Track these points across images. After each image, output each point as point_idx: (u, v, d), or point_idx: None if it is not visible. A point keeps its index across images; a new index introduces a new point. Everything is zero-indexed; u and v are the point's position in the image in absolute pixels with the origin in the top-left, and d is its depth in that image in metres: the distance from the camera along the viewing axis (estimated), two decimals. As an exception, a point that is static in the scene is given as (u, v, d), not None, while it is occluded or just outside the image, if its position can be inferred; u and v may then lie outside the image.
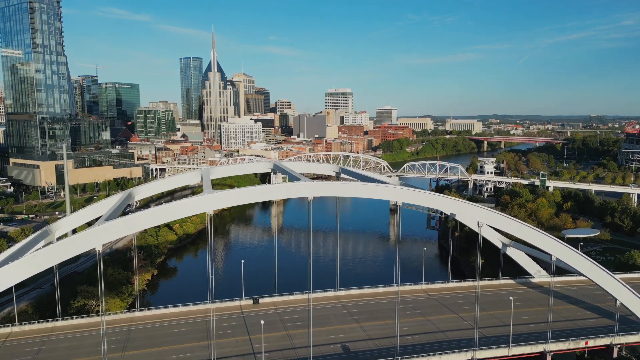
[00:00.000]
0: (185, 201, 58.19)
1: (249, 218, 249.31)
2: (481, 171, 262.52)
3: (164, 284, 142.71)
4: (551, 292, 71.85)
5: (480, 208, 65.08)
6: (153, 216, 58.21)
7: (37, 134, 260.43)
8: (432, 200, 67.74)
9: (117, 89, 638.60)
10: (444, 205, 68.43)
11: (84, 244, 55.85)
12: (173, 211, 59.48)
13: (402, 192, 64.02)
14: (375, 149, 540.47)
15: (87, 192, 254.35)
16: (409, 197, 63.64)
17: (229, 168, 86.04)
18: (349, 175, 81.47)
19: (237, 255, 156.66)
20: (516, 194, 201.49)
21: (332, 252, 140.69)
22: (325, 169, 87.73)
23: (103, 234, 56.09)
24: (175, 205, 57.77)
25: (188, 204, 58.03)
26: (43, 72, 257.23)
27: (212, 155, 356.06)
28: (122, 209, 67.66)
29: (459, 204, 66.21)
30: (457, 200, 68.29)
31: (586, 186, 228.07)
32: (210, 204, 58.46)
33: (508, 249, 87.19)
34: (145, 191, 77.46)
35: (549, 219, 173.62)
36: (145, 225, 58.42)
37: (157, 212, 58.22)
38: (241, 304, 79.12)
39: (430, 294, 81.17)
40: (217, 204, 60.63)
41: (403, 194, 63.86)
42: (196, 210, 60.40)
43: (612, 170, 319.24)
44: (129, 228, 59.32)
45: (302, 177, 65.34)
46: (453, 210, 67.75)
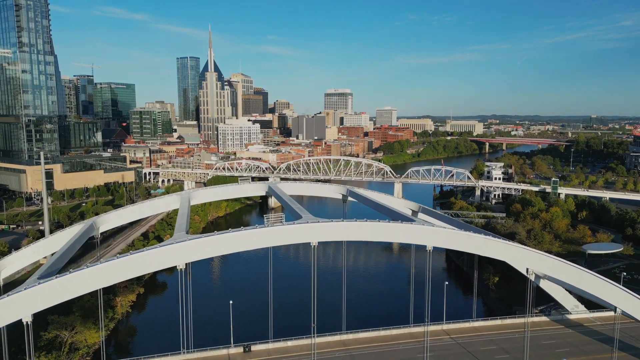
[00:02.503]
0: (148, 253, 46.30)
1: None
2: (488, 176, 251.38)
3: (150, 307, 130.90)
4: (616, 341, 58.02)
5: (532, 252, 53.50)
6: (95, 277, 45.82)
7: (24, 137, 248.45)
8: (470, 242, 55.09)
9: (113, 89, 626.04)
10: (483, 247, 55.94)
11: None
12: (128, 266, 46.87)
13: (435, 235, 51.60)
14: (376, 151, 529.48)
15: (75, 199, 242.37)
16: (442, 239, 52.10)
17: (214, 191, 72.12)
18: (357, 199, 68.89)
19: (225, 287, 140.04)
20: (528, 202, 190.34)
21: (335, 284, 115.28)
22: (330, 191, 73.40)
23: (28, 302, 44.56)
24: (130, 260, 45.87)
25: (150, 257, 45.97)
26: (30, 72, 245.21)
27: (208, 158, 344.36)
28: (81, 243, 56.35)
29: (508, 248, 54.27)
30: (506, 243, 56.24)
31: (600, 193, 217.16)
32: (180, 256, 45.78)
33: (542, 281, 75.00)
34: (111, 221, 64.55)
35: (566, 231, 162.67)
36: (85, 290, 46.72)
37: (103, 270, 46.10)
38: (229, 353, 66.19)
39: (452, 336, 68.95)
40: (190, 255, 47.68)
41: (435, 237, 51.60)
42: (162, 264, 48.13)
43: (621, 174, 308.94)
44: (63, 293, 47.09)
45: (302, 211, 53.40)
46: (497, 254, 55.11)
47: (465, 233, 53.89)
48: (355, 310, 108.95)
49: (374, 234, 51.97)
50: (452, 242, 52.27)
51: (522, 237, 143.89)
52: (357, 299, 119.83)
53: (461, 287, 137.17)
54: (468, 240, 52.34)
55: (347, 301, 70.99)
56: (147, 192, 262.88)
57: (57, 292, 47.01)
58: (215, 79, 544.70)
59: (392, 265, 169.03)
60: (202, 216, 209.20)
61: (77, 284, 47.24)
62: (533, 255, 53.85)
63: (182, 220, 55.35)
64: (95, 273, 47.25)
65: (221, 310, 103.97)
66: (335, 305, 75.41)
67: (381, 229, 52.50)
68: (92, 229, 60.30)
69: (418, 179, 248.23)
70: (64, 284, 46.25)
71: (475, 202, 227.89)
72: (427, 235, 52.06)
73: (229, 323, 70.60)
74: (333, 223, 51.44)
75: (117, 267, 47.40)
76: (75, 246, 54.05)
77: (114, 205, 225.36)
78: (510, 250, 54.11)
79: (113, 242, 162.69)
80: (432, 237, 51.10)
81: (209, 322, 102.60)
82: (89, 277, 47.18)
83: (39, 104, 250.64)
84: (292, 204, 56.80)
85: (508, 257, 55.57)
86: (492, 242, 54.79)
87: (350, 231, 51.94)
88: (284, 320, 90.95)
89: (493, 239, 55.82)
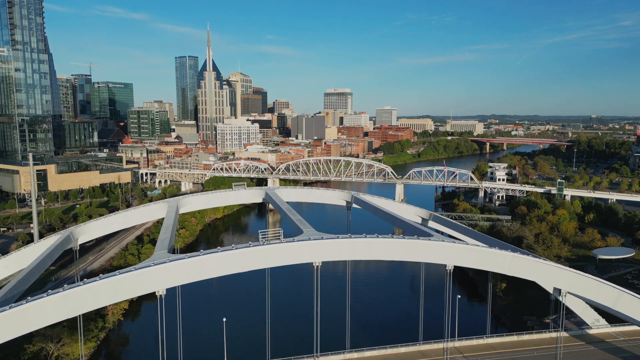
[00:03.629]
0: (120, 278, 40.21)
1: (242, 237, 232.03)
2: (492, 177, 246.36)
3: (144, 314, 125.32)
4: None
5: (565, 271, 47.90)
6: (56, 308, 39.24)
7: (17, 137, 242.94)
8: (496, 261, 48.90)
9: (110, 88, 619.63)
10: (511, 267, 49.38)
11: None
12: (96, 295, 40.37)
13: (456, 252, 45.25)
14: (376, 151, 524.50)
15: (70, 200, 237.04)
16: (464, 258, 46.06)
17: (206, 198, 65.56)
18: (362, 206, 62.53)
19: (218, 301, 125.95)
20: (533, 204, 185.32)
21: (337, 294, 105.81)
22: (333, 198, 66.46)
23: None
24: (99, 287, 39.58)
25: (123, 283, 39.72)
26: (23, 70, 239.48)
27: (206, 159, 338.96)
28: (53, 259, 50.78)
29: (539, 268, 48.04)
30: (536, 261, 50.08)
31: (606, 195, 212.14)
32: (160, 281, 39.34)
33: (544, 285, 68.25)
34: (90, 231, 57.95)
35: (574, 234, 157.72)
36: (43, 323, 40.38)
37: (66, 299, 39.69)
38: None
39: (466, 355, 62.93)
40: (171, 279, 41.19)
41: (457, 255, 45.29)
42: (137, 290, 41.77)
43: (625, 175, 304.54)
44: (16, 327, 39.48)
45: (303, 223, 47.30)
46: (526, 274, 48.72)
47: (491, 251, 47.32)
48: (359, 324, 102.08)
49: (386, 252, 45.41)
50: (476, 261, 46.00)
51: (529, 242, 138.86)
52: (360, 310, 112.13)
53: (467, 294, 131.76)
54: (494, 258, 46.10)
55: (351, 312, 65.29)
56: (144, 194, 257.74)
57: (8, 327, 39.53)
58: (214, 78, 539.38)
59: (399, 271, 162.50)
60: (199, 218, 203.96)
61: (34, 317, 40.37)
62: (567, 274, 47.33)
63: (165, 234, 48.45)
64: (56, 303, 40.48)
65: (213, 327, 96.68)
66: (337, 319, 69.29)
67: (395, 247, 45.66)
68: (68, 240, 54.14)
69: (420, 180, 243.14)
70: (17, 316, 38.93)
71: (479, 203, 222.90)
72: (448, 253, 45.91)
73: (222, 342, 64.54)
74: (339, 240, 43.98)
75: (82, 296, 40.83)
76: (45, 262, 48.36)
77: (108, 207, 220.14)
78: (541, 269, 47.89)
79: (106, 245, 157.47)
80: (453, 256, 45.04)
81: (200, 341, 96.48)
82: (49, 308, 40.24)
83: (32, 103, 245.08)
84: (292, 214, 50.56)
85: (539, 278, 49.36)
86: (521, 261, 48.44)
87: (360, 249, 45.00)
88: (282, 338, 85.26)
89: (521, 257, 49.22)
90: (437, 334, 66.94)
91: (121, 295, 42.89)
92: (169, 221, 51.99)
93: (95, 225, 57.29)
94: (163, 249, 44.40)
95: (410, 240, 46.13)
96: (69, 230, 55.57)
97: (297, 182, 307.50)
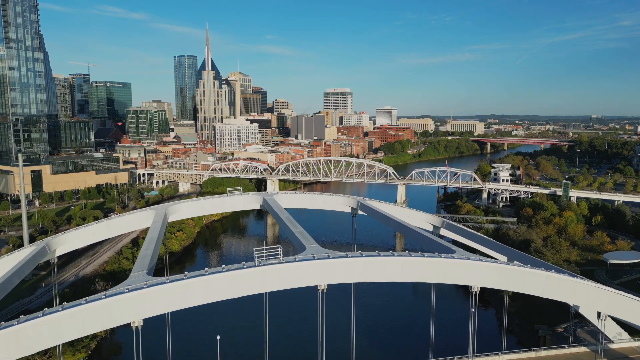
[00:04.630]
0: (90, 307, 33.23)
1: (241, 239, 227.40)
2: (495, 178, 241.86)
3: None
4: None
5: (608, 292, 42.58)
6: (8, 345, 32.55)
7: (11, 137, 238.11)
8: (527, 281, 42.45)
9: (108, 87, 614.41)
10: (545, 288, 42.70)
11: None
12: (57, 329, 33.73)
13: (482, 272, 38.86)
14: (376, 151, 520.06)
15: (65, 201, 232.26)
16: (491, 278, 40.46)
17: (198, 205, 59.79)
18: (369, 214, 56.81)
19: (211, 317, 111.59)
20: (539, 206, 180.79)
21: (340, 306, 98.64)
22: (336, 204, 59.80)
23: None
24: (62, 319, 33.20)
25: (92, 313, 33.12)
26: (17, 69, 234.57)
27: (205, 159, 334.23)
28: (22, 276, 45.25)
29: (578, 289, 41.49)
30: (574, 280, 43.75)
31: (612, 196, 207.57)
32: (136, 310, 32.58)
33: (583, 308, 61.30)
34: (70, 242, 51.57)
35: (582, 237, 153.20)
36: None
37: (20, 333, 33.18)
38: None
39: (481, 374, 58.69)
40: (149, 307, 34.00)
41: (483, 275, 39.07)
42: (108, 322, 34.77)
43: (629, 175, 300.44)
44: None
45: (304, 236, 41.43)
46: (563, 296, 42.55)
47: (523, 270, 41.17)
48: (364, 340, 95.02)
49: (404, 273, 38.24)
50: (506, 282, 39.78)
51: (537, 245, 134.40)
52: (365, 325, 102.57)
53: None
54: (526, 279, 39.80)
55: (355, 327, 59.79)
56: (140, 195, 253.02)
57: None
58: (213, 77, 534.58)
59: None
60: (197, 220, 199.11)
61: None
62: (611, 297, 40.43)
63: (147, 250, 41.92)
64: (6, 339, 33.81)
65: (206, 345, 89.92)
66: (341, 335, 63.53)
67: (414, 267, 38.67)
68: (43, 253, 48.37)
69: (422, 181, 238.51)
70: None
71: (482, 205, 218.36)
72: (474, 273, 39.61)
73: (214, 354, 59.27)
74: (349, 260, 37.11)
75: (38, 331, 33.96)
76: (12, 280, 42.67)
77: (104, 208, 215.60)
78: (580, 290, 41.32)
79: (100, 249, 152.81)
80: (479, 276, 39.09)
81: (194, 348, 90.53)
82: None
83: (27, 103, 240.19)
84: (292, 225, 44.75)
85: (578, 300, 43.29)
86: (558, 281, 41.66)
87: (372, 270, 37.77)
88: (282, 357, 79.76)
89: (558, 276, 43.31)
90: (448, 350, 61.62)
91: (88, 329, 36.48)
92: (154, 233, 45.74)
93: (75, 235, 51.16)
94: (142, 269, 37.72)
95: (431, 259, 39.62)
96: (45, 241, 49.96)
97: (297, 182, 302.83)
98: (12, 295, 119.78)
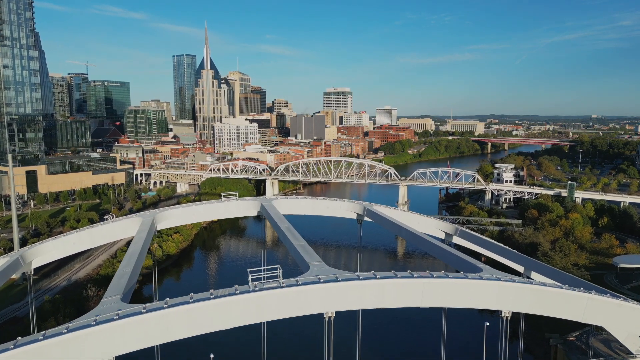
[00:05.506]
0: (49, 344, 26.99)
1: (240, 241, 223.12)
2: (498, 179, 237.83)
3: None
4: None
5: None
6: None
7: (6, 136, 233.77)
8: (566, 305, 36.61)
9: (107, 87, 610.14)
10: (584, 312, 37.57)
11: None
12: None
13: (515, 295, 33.63)
14: (376, 151, 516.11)
15: (60, 202, 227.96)
16: (526, 302, 34.85)
17: (190, 211, 53.81)
18: (377, 221, 51.90)
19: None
20: (545, 208, 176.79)
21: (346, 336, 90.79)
22: (341, 210, 53.56)
23: None
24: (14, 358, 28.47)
25: (54, 350, 26.98)
26: (12, 67, 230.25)
27: (204, 159, 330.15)
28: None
29: (622, 310, 35.74)
30: (619, 303, 38.11)
31: (618, 197, 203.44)
32: (105, 346, 27.59)
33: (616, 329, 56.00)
34: (48, 253, 46.08)
35: (589, 240, 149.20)
36: None
37: None
38: None
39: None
40: (121, 343, 28.31)
41: (516, 298, 33.67)
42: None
43: (633, 176, 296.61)
44: None
45: (307, 251, 35.98)
46: (606, 322, 37.39)
47: (560, 292, 35.62)
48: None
49: (424, 298, 32.34)
50: (541, 306, 33.25)
51: (545, 249, 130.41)
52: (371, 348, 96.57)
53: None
54: (565, 301, 33.68)
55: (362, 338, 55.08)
56: (137, 195, 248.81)
57: None
58: (212, 76, 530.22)
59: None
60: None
61: None
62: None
63: (126, 268, 36.26)
64: None
65: None
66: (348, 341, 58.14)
67: (436, 290, 32.75)
68: (16, 265, 43.21)
69: (425, 182, 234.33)
70: None
71: (486, 206, 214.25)
72: (504, 296, 33.86)
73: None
74: (361, 283, 30.80)
75: None
76: None
77: (99, 209, 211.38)
78: (628, 314, 36.65)
79: (94, 252, 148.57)
80: (511, 299, 33.71)
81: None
82: None
83: (22, 102, 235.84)
84: (293, 237, 39.42)
85: (620, 326, 36.90)
86: (600, 304, 35.92)
87: (388, 295, 31.78)
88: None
89: (600, 298, 37.41)
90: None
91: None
92: (136, 246, 40.15)
93: (53, 245, 45.76)
94: (116, 293, 32.34)
95: (457, 280, 33.31)
96: (20, 252, 44.84)
97: (297, 183, 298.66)
98: (0, 301, 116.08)
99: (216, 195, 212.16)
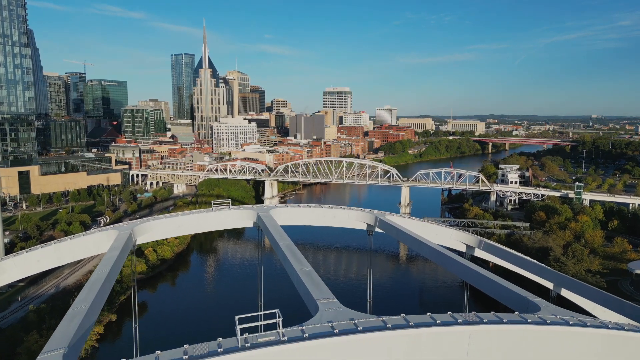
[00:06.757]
0: None
1: (239, 244, 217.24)
2: (503, 180, 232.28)
3: (124, 337, 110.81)
4: None
5: None
6: None
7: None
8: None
9: (104, 86, 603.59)
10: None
11: None
12: None
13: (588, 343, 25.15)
14: (377, 151, 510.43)
15: (53, 203, 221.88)
16: (600, 350, 25.93)
17: (175, 223, 44.58)
18: (390, 232, 45.40)
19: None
20: (552, 210, 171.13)
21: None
22: (349, 220, 49.16)
23: None
24: None
25: None
26: (4, 65, 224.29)
27: (201, 159, 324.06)
28: None
29: None
30: None
31: (627, 199, 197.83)
32: None
33: None
34: (6, 272, 37.38)
35: (601, 244, 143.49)
36: None
37: None
38: None
39: None
40: None
41: (588, 348, 25.22)
42: None
43: (638, 177, 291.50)
44: None
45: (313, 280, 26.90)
46: None
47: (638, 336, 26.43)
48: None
49: (470, 351, 23.05)
50: (616, 356, 26.25)
51: (557, 254, 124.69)
52: None
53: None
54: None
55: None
56: (133, 197, 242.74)
57: None
58: (210, 75, 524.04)
59: (406, 282, 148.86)
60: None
61: None
62: None
63: (81, 305, 26.59)
64: None
65: None
66: None
67: (485, 340, 23.64)
68: None
69: (427, 183, 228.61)
70: None
71: (490, 208, 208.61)
72: (573, 346, 25.16)
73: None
74: (386, 335, 21.79)
75: None
76: None
77: (93, 211, 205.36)
78: None
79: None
80: (580, 350, 25.10)
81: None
82: None
83: (14, 100, 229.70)
84: (296, 261, 30.23)
85: None
86: None
87: (422, 348, 22.70)
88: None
89: None
90: None
91: None
92: (102, 270, 31.00)
93: (13, 263, 38.78)
94: (59, 346, 23.52)
95: (513, 327, 23.96)
96: None
97: (296, 183, 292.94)
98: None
99: (214, 196, 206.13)
